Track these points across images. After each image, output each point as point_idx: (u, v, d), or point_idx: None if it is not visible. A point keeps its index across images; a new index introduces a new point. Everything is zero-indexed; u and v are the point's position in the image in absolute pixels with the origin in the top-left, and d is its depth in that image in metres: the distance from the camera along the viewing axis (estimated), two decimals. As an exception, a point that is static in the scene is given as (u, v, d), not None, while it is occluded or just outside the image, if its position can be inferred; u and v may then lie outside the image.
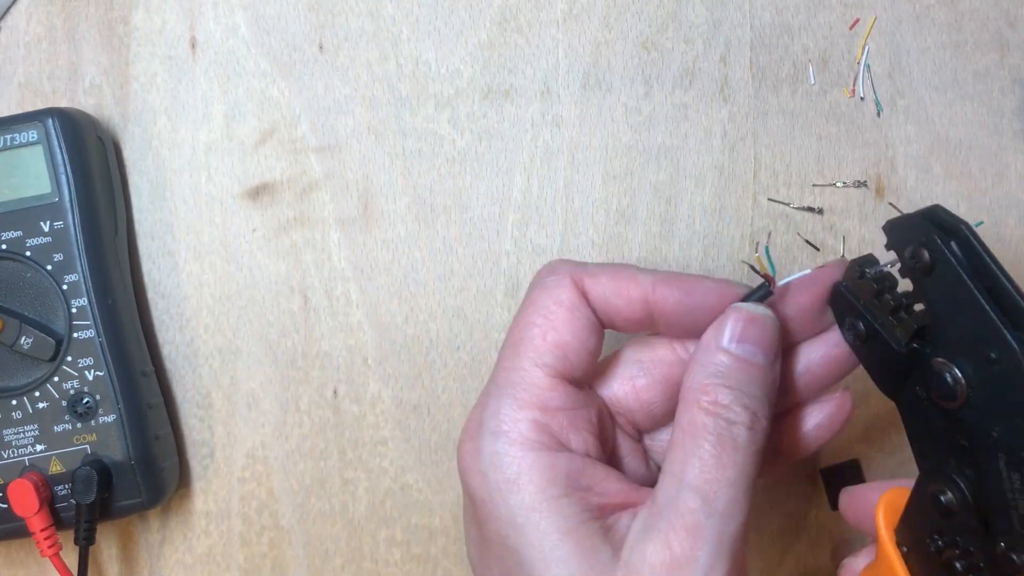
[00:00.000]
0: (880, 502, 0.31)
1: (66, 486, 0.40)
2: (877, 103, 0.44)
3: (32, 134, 0.40)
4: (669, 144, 0.44)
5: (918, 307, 0.30)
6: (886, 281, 0.30)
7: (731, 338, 0.30)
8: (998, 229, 0.44)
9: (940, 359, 0.28)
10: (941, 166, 0.44)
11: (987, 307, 0.26)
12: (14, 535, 0.40)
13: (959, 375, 0.27)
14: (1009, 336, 0.25)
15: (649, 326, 0.32)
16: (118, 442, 0.40)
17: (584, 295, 0.31)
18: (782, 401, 0.33)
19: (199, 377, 0.44)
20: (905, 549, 0.31)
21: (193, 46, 0.44)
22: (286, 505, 0.44)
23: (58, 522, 0.40)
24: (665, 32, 0.44)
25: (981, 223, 0.43)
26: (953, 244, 0.27)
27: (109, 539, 0.44)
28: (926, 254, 0.27)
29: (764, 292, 0.31)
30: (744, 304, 0.31)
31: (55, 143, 0.40)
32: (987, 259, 0.26)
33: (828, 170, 0.44)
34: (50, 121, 0.40)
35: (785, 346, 0.32)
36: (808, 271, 0.32)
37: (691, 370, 0.30)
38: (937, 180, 0.44)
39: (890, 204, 0.43)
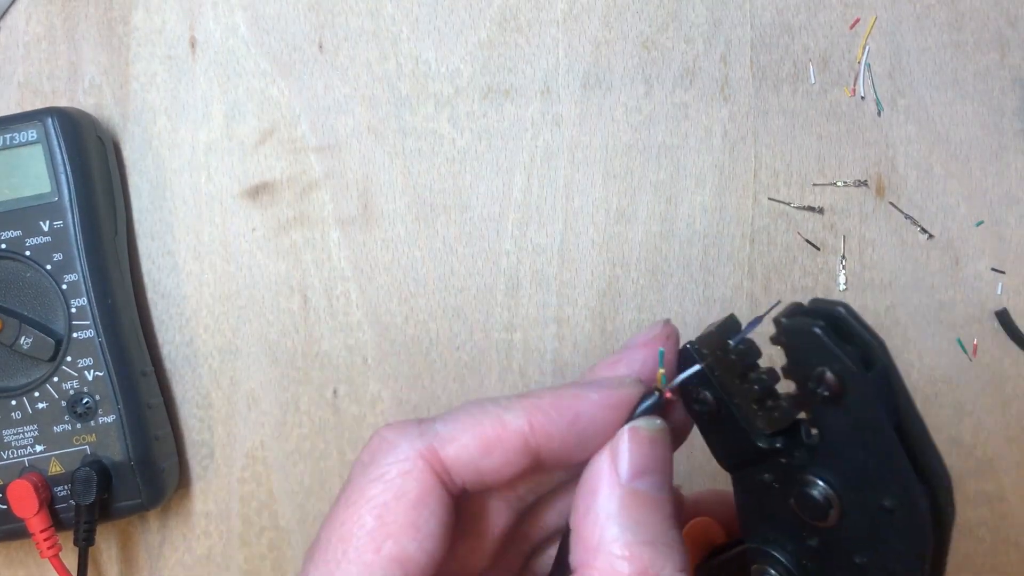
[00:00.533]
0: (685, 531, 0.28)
1: (66, 487, 0.40)
2: (877, 103, 0.44)
3: (32, 134, 0.39)
4: (669, 143, 0.44)
5: (779, 386, 0.25)
6: (750, 356, 0.25)
7: (633, 471, 0.24)
8: (998, 229, 0.44)
9: (812, 476, 0.24)
10: (941, 166, 0.43)
11: (898, 452, 0.23)
12: (14, 536, 0.40)
13: (834, 500, 0.24)
14: (918, 488, 0.23)
15: (535, 473, 0.26)
16: (118, 442, 0.40)
17: (441, 473, 0.24)
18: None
19: (199, 377, 0.44)
20: None
21: (193, 46, 0.44)
22: (286, 506, 0.44)
23: (58, 523, 0.40)
24: (665, 32, 0.44)
25: (981, 223, 0.43)
26: (871, 376, 0.23)
27: (109, 540, 0.44)
28: (832, 379, 0.23)
29: (657, 401, 0.26)
30: (640, 423, 0.25)
31: (55, 143, 0.39)
32: (905, 395, 0.23)
33: (828, 169, 0.44)
34: (50, 121, 0.39)
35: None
36: (698, 367, 0.26)
37: (589, 516, 0.24)
38: (937, 180, 0.44)
39: (890, 203, 0.43)
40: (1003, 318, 0.43)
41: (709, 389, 0.25)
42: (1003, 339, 0.44)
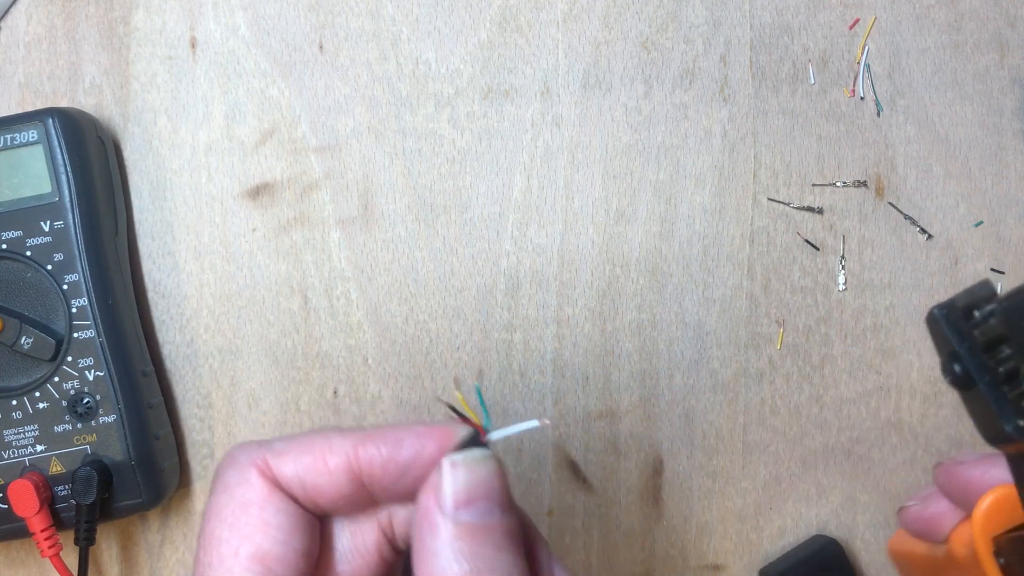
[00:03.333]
0: (982, 502, 0.28)
1: (66, 486, 0.40)
2: (877, 103, 0.44)
3: (32, 134, 0.40)
4: (669, 144, 0.44)
5: None
6: (997, 330, 0.23)
7: (456, 502, 0.24)
8: (998, 229, 0.44)
9: None
10: (941, 166, 0.44)
11: None
12: (14, 535, 0.40)
13: None
14: None
15: (366, 500, 0.26)
16: (118, 442, 0.40)
17: (275, 483, 0.25)
18: None
19: (199, 377, 0.44)
20: (1003, 561, 0.28)
21: (193, 46, 0.44)
22: (286, 505, 0.44)
23: (58, 522, 0.40)
24: (665, 32, 0.44)
25: (980, 223, 0.44)
26: None
27: (109, 539, 0.44)
28: None
29: (472, 436, 0.26)
30: (456, 456, 0.25)
31: (55, 143, 0.40)
32: None
33: (828, 170, 0.44)
34: (50, 121, 0.40)
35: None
36: (534, 422, 0.26)
37: (421, 555, 0.24)
38: (937, 180, 0.44)
39: (890, 204, 0.44)
40: (1002, 318, 0.43)
41: (957, 362, 0.24)
42: (1002, 339, 0.44)
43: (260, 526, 0.25)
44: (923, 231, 0.44)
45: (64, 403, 0.40)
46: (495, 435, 0.26)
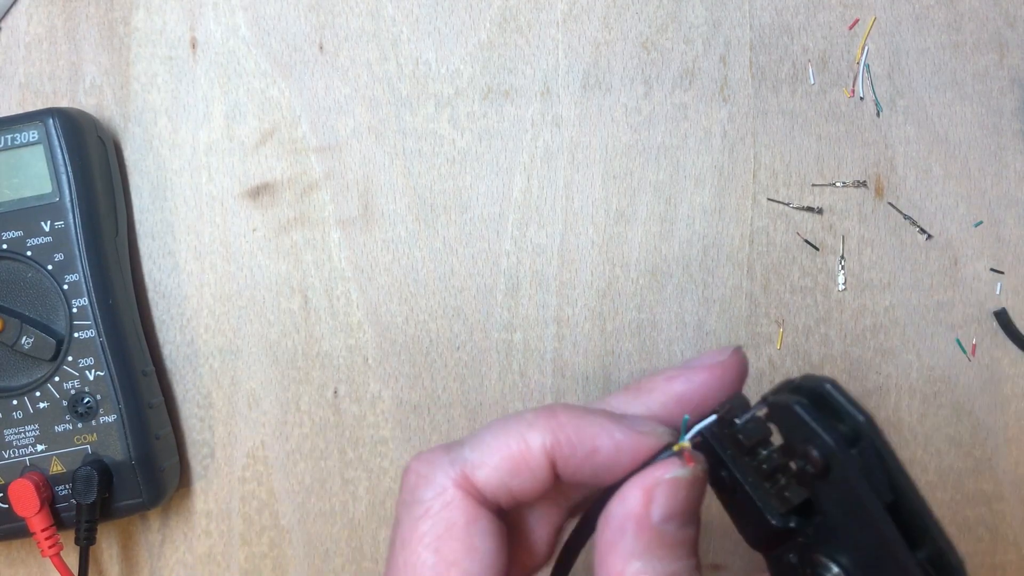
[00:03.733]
0: None
1: (67, 486, 0.40)
2: (877, 103, 0.44)
3: (33, 134, 0.40)
4: (669, 144, 0.44)
5: (792, 463, 0.25)
6: (759, 432, 0.25)
7: (667, 515, 0.25)
8: (997, 229, 0.44)
9: (823, 556, 0.24)
10: (940, 166, 0.44)
11: (891, 533, 0.22)
12: (15, 535, 0.40)
13: None
14: (910, 561, 0.22)
15: (555, 489, 0.27)
16: (119, 442, 0.40)
17: (479, 499, 0.25)
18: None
19: (199, 377, 0.44)
20: None
21: (194, 46, 0.44)
22: (286, 505, 0.44)
23: (59, 522, 0.40)
24: (665, 32, 0.44)
25: (980, 223, 0.44)
26: (854, 451, 0.22)
27: (110, 539, 0.44)
28: (817, 456, 0.23)
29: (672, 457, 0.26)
30: (679, 472, 0.25)
31: (56, 143, 0.40)
32: (899, 472, 0.23)
33: (828, 170, 0.44)
34: (51, 121, 0.40)
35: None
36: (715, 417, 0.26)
37: (616, 549, 0.25)
38: (936, 180, 0.44)
39: (889, 204, 0.44)
40: (1002, 318, 0.43)
41: (722, 468, 0.25)
42: (1002, 339, 0.44)
43: (468, 553, 0.25)
44: (923, 231, 0.44)
45: (64, 403, 0.40)
46: (683, 443, 0.26)
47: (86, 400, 0.40)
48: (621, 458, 0.25)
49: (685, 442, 0.26)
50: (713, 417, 0.25)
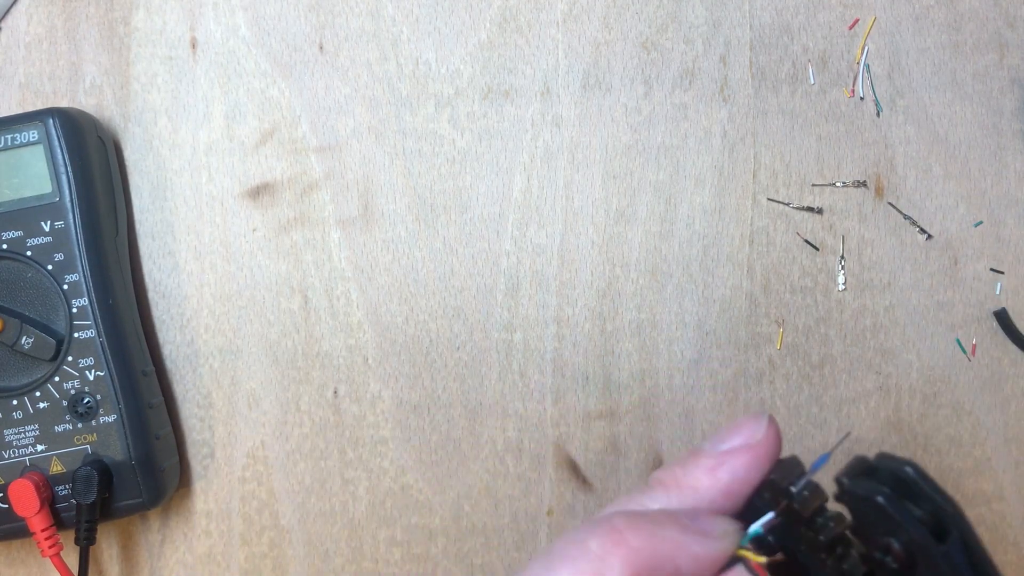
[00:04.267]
0: None
1: (67, 486, 0.40)
2: (877, 103, 0.44)
3: (33, 134, 0.40)
4: (669, 144, 0.44)
5: (855, 546, 0.24)
6: (815, 499, 0.24)
7: None
8: (997, 229, 0.44)
9: None
10: (940, 166, 0.44)
11: None
12: (15, 535, 0.40)
13: None
14: None
15: None
16: (118, 442, 0.40)
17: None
18: None
19: (199, 377, 0.44)
20: None
21: (194, 46, 0.44)
22: (286, 505, 0.44)
23: (59, 522, 0.40)
24: (665, 32, 0.44)
25: (980, 223, 0.44)
26: (944, 547, 0.21)
27: (110, 539, 0.44)
28: (901, 552, 0.21)
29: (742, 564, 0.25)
30: None
31: (56, 143, 0.40)
32: (988, 565, 0.21)
33: (828, 170, 0.44)
34: (51, 121, 0.40)
35: None
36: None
37: None
38: (936, 180, 0.44)
39: (889, 204, 0.44)
40: (1002, 318, 0.43)
41: (776, 539, 0.24)
42: (1002, 339, 0.44)
43: None
44: (923, 231, 0.44)
45: (64, 403, 0.40)
46: (747, 542, 0.24)
47: (86, 400, 0.40)
48: (701, 569, 0.24)
49: (762, 559, 0.24)
50: (771, 515, 0.24)
